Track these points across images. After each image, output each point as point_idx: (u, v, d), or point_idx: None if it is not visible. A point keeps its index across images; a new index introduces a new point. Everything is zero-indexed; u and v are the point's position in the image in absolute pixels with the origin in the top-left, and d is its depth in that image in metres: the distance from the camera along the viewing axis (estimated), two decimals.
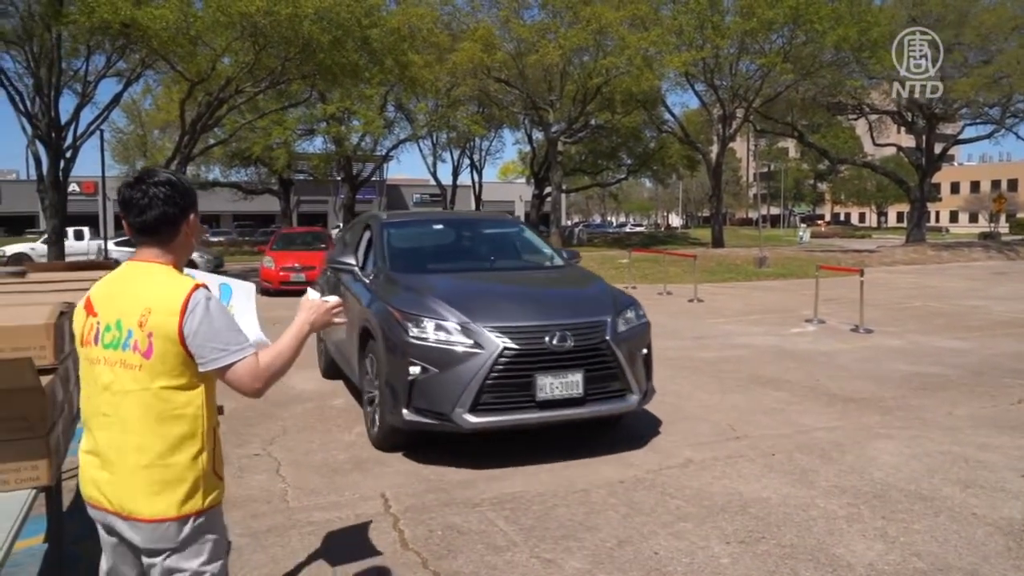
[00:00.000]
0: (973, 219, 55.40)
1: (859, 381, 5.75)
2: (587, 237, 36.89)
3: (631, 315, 4.12)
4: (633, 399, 3.93)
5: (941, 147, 26.79)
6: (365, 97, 22.33)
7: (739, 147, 54.65)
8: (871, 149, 35.48)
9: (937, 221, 56.30)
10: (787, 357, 6.78)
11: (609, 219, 75.06)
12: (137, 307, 1.51)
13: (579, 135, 28.28)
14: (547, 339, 3.66)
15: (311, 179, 33.24)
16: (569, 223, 48.49)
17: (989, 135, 25.89)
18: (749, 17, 21.31)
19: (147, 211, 1.54)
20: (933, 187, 32.14)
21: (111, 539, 1.63)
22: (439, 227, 5.78)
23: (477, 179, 36.57)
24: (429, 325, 3.71)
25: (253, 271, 14.10)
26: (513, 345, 3.61)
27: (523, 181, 42.65)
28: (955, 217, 60.25)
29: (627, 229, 53.05)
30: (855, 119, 31.55)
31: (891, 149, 31.50)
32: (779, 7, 20.66)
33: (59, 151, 16.17)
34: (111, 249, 20.91)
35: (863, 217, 71.90)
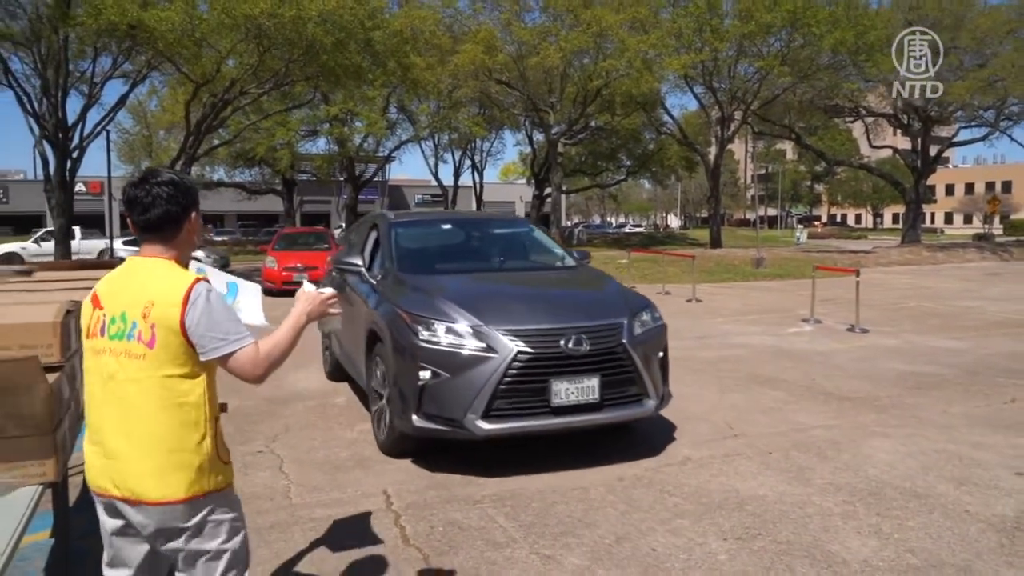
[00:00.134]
0: (968, 220, 55.64)
1: (855, 380, 5.79)
2: (587, 237, 36.96)
3: (647, 317, 4.01)
4: (650, 404, 3.82)
5: (936, 149, 26.93)
6: (368, 99, 22.41)
7: (737, 149, 54.82)
8: (867, 151, 35.65)
9: (932, 222, 56.48)
10: (784, 357, 6.83)
11: (608, 220, 75.18)
12: (141, 299, 1.56)
13: (579, 137, 28.35)
14: (562, 343, 3.55)
15: (314, 179, 33.37)
16: (569, 224, 48.57)
17: (983, 138, 26.04)
18: (747, 20, 21.43)
19: (150, 209, 1.59)
20: (928, 189, 32.31)
21: (115, 522, 1.65)
22: (447, 227, 5.66)
23: (478, 180, 36.65)
24: (440, 328, 3.59)
25: (257, 271, 14.10)
26: (527, 349, 3.50)
27: (524, 182, 42.73)
28: (950, 218, 60.48)
29: (626, 230, 53.19)
30: (852, 121, 31.62)
31: (887, 151, 31.62)
32: (777, 11, 20.79)
33: (66, 151, 16.26)
34: (118, 248, 20.93)
35: (859, 218, 72.13)
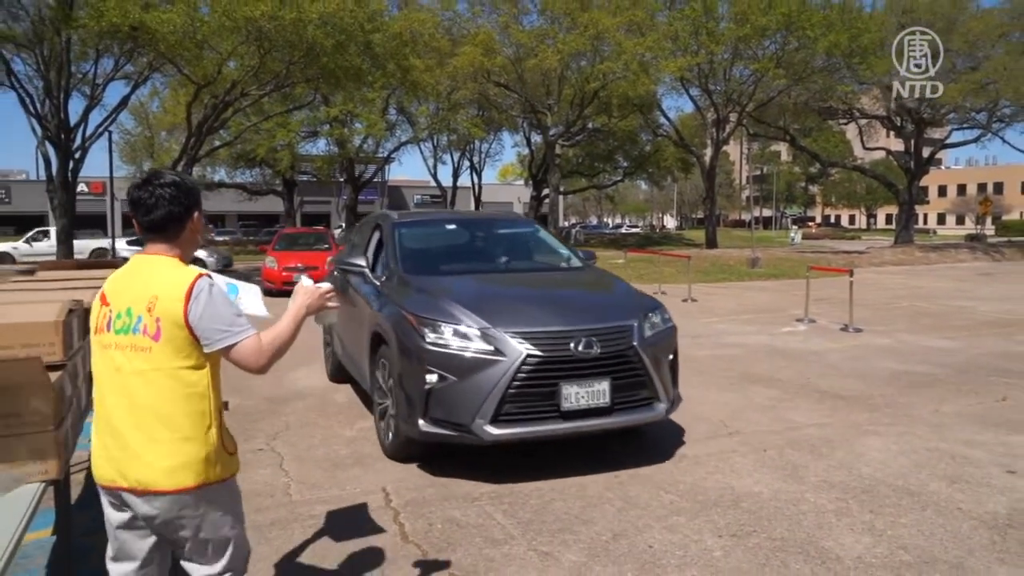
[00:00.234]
0: (960, 221, 55.97)
1: (848, 379, 5.84)
2: (584, 238, 37.05)
3: (657, 319, 3.94)
4: (661, 408, 3.75)
5: (929, 151, 27.15)
6: (367, 100, 22.50)
7: (732, 150, 55.02)
8: (861, 153, 35.84)
9: (925, 223, 56.79)
10: (778, 356, 6.88)
11: (605, 220, 75.38)
12: (145, 294, 1.61)
13: (576, 138, 28.43)
14: (572, 345, 3.47)
15: (314, 180, 33.46)
16: (566, 224, 48.68)
17: (976, 139, 26.21)
18: (743, 24, 21.56)
19: (154, 210, 1.65)
20: (921, 190, 32.46)
21: (121, 515, 1.68)
22: (452, 227, 5.53)
23: (477, 181, 36.73)
24: (447, 330, 3.51)
25: (257, 271, 14.09)
26: (537, 352, 3.42)
27: (521, 183, 42.79)
28: (942, 219, 60.85)
29: (623, 230, 53.31)
30: (845, 123, 31.83)
31: (880, 153, 31.82)
32: (772, 14, 20.92)
33: (68, 152, 16.29)
34: (122, 248, 20.89)
35: (853, 219, 72.48)
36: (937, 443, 4.14)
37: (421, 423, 3.49)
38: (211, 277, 1.67)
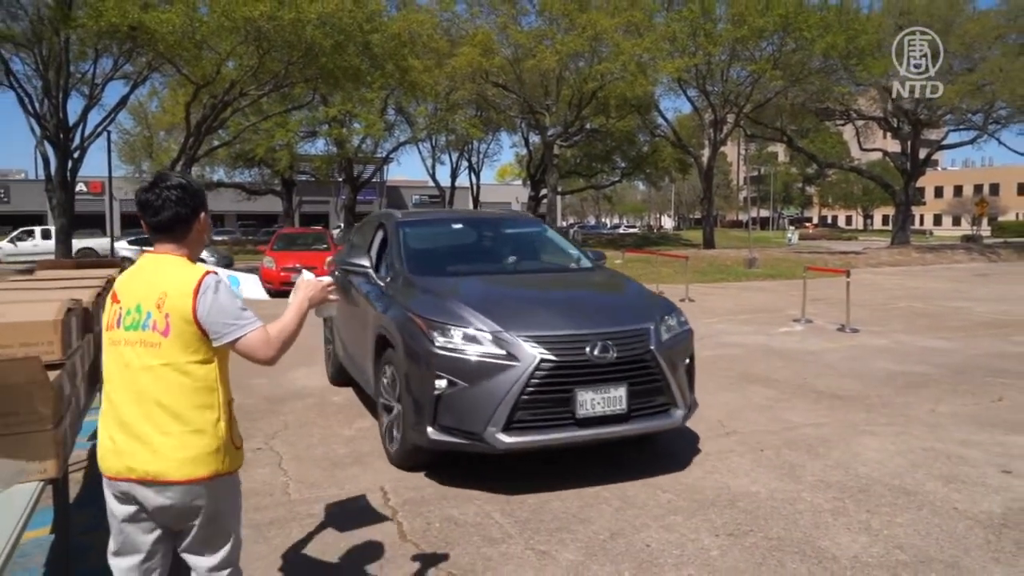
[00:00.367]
0: (956, 222, 56.16)
1: (845, 379, 5.86)
2: (582, 238, 37.02)
3: (673, 322, 3.81)
4: (678, 414, 3.62)
5: (925, 152, 27.23)
6: (366, 100, 22.53)
7: (730, 151, 55.08)
8: (858, 154, 35.99)
9: (921, 224, 56.96)
10: (775, 356, 6.90)
11: (603, 220, 75.50)
12: (154, 292, 1.66)
13: (574, 139, 28.48)
14: (588, 350, 3.35)
15: (313, 180, 33.50)
16: (564, 224, 48.70)
17: (972, 141, 26.32)
18: (740, 25, 21.62)
19: (161, 212, 1.70)
20: (918, 191, 32.61)
21: (127, 509, 1.69)
22: (458, 226, 5.38)
23: (475, 181, 36.79)
24: (457, 334, 3.38)
25: (255, 270, 14.07)
26: (551, 357, 3.29)
27: (520, 183, 42.81)
28: (939, 220, 61.05)
29: (621, 230, 53.38)
30: (842, 124, 31.94)
31: (877, 154, 31.95)
32: (769, 15, 20.99)
33: (67, 152, 16.30)
34: (122, 247, 20.86)
35: (850, 220, 72.69)
36: (933, 443, 4.16)
37: (430, 431, 3.36)
38: (217, 273, 1.72)
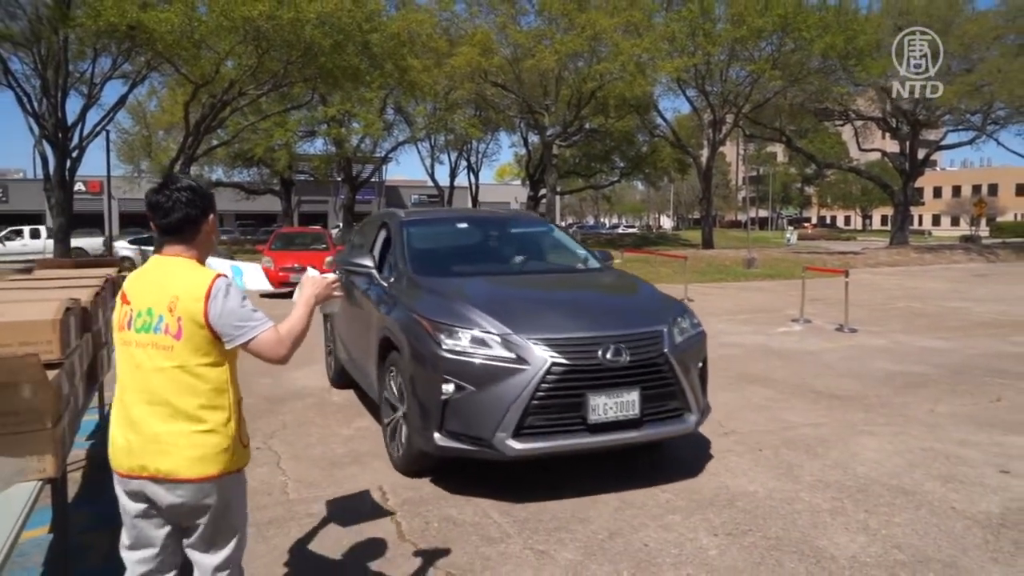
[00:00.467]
0: (955, 222, 56.26)
1: (844, 379, 5.87)
2: (581, 238, 36.95)
3: (686, 324, 3.70)
4: (691, 420, 3.52)
5: (924, 152, 27.26)
6: (365, 100, 22.52)
7: (729, 151, 55.12)
8: (856, 154, 36.04)
9: (920, 224, 57.07)
10: (774, 355, 6.90)
11: (602, 221, 75.52)
12: (166, 295, 1.69)
13: (573, 139, 28.46)
14: (600, 353, 3.25)
15: (312, 180, 33.51)
16: (563, 224, 48.69)
17: (970, 141, 26.36)
18: (739, 25, 21.63)
19: (171, 213, 1.73)
20: (916, 191, 32.65)
21: (138, 506, 1.74)
22: (463, 225, 5.24)
23: (474, 181, 36.72)
24: (464, 336, 3.28)
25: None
26: (562, 360, 3.19)
27: (519, 183, 42.81)
28: (937, 220, 61.16)
29: (620, 230, 53.41)
30: (841, 125, 31.98)
31: (876, 154, 31.97)
32: (768, 16, 21.01)
33: (65, 151, 16.31)
34: (122, 247, 20.83)
35: (848, 220, 72.79)
36: (932, 443, 4.16)
37: (437, 436, 3.27)
38: (227, 277, 1.75)
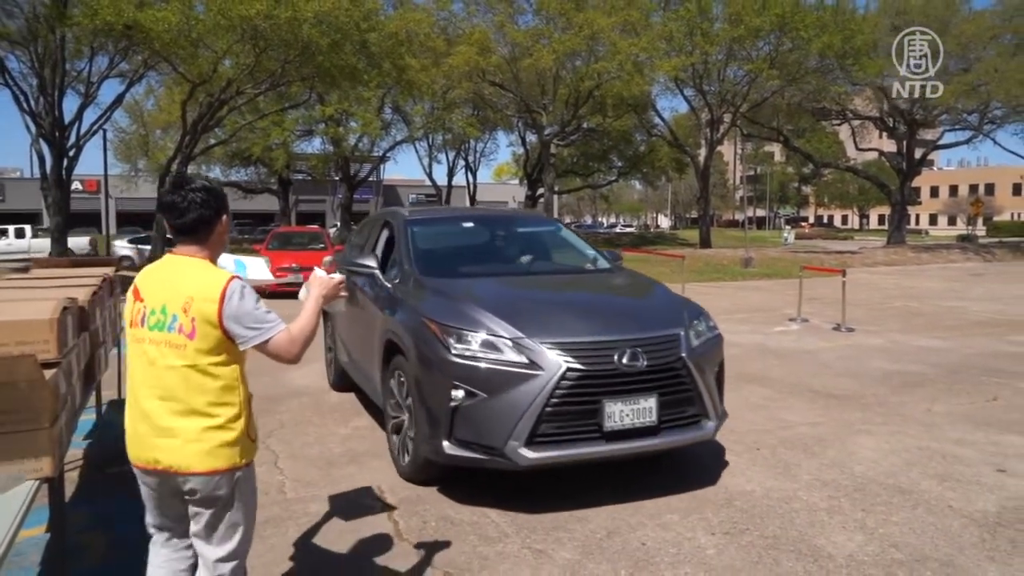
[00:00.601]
0: (952, 222, 56.42)
1: (841, 378, 5.88)
2: None
3: (703, 327, 3.60)
4: (710, 426, 3.41)
5: (921, 152, 27.33)
6: (363, 99, 22.51)
7: (726, 151, 55.26)
8: (854, 153, 36.02)
9: (917, 224, 57.18)
10: (771, 355, 6.92)
11: (600, 220, 75.55)
12: (180, 295, 1.72)
13: (571, 138, 28.48)
14: (616, 357, 3.12)
15: (310, 179, 33.59)
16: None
17: (967, 141, 26.46)
18: (737, 25, 21.67)
19: (186, 213, 1.76)
20: (913, 191, 32.69)
21: (155, 493, 1.82)
22: (469, 225, 5.10)
23: (472, 180, 36.72)
24: (474, 340, 3.15)
25: None
26: (577, 365, 3.06)
27: (516, 182, 42.78)
28: (934, 220, 61.31)
29: (617, 230, 53.48)
30: (839, 124, 32.01)
31: (873, 154, 32.04)
32: (766, 15, 21.04)
33: (62, 150, 16.28)
34: (123, 247, 20.81)
35: (846, 219, 72.94)
36: (928, 442, 4.18)
37: (446, 445, 3.13)
38: (241, 279, 1.78)
